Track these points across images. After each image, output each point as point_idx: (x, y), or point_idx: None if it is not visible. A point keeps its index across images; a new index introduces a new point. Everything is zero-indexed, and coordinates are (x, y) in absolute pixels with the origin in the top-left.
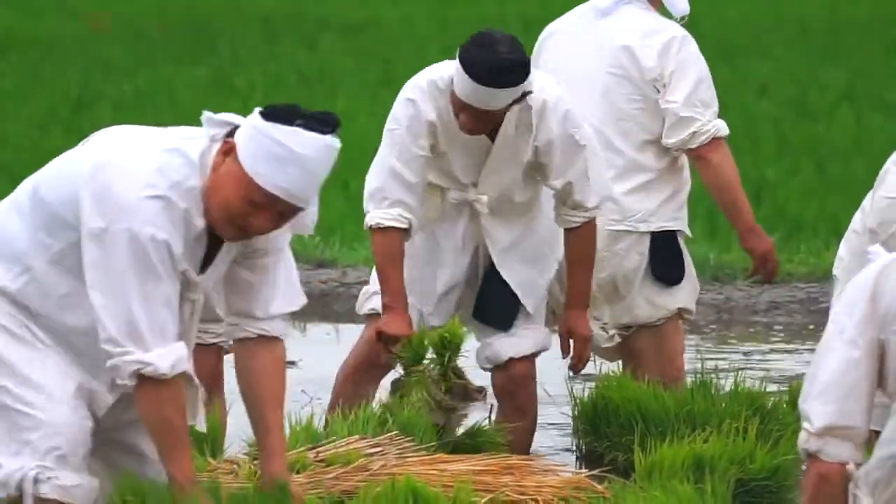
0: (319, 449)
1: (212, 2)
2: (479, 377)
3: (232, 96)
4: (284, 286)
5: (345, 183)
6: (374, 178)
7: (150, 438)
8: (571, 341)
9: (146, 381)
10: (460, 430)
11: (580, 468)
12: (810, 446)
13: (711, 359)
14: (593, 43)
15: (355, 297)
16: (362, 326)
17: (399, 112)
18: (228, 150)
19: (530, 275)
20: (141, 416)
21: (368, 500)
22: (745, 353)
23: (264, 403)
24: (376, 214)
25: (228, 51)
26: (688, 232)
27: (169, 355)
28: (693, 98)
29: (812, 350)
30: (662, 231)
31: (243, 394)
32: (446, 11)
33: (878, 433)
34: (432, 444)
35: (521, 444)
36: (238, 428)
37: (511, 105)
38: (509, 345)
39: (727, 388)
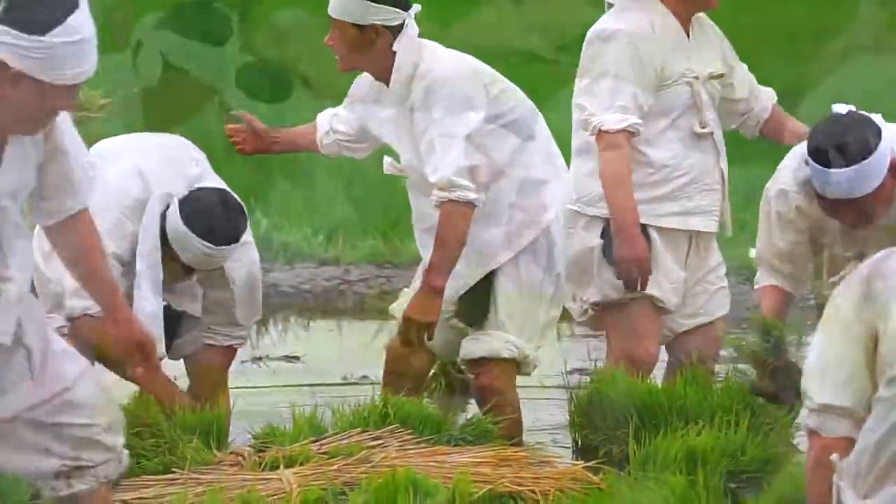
0: (322, 441)
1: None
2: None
3: None
4: (81, 172)
5: (347, 182)
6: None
7: None
8: None
9: None
10: (460, 423)
11: (576, 460)
12: (811, 422)
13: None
14: None
15: (357, 294)
16: (364, 323)
17: None
18: None
19: None
20: None
21: (370, 491)
22: (736, 349)
23: (101, 267)
24: None
25: None
26: (673, 225)
27: None
28: (593, 87)
29: (804, 346)
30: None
31: (72, 266)
32: (446, 15)
33: None
34: (432, 436)
35: (509, 435)
36: (242, 422)
37: (358, 30)
38: (462, 346)
39: (719, 383)
